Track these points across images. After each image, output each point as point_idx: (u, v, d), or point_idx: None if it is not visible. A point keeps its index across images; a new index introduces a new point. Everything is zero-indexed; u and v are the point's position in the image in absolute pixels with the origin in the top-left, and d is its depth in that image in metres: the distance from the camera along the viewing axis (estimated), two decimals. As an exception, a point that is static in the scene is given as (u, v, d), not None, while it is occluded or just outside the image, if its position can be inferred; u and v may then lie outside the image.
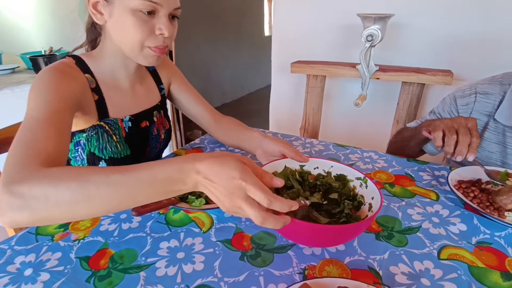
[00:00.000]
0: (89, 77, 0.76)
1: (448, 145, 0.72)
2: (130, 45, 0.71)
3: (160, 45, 0.71)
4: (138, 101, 0.86)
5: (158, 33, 0.69)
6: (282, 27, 1.78)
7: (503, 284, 0.51)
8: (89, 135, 0.77)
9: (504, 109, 0.85)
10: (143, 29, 0.67)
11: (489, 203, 0.67)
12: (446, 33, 1.42)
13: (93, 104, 0.76)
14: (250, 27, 5.21)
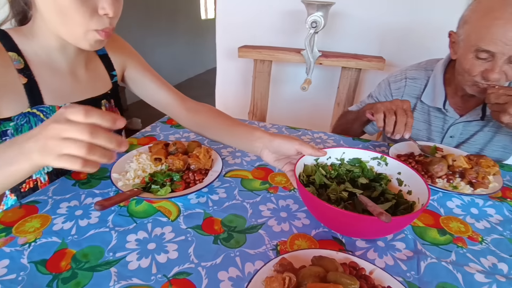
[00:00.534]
0: (14, 55, 0.65)
1: (388, 125, 0.81)
2: (68, 29, 0.62)
3: (106, 28, 0.62)
4: (81, 88, 0.77)
5: (102, 13, 0.60)
6: (227, 12, 1.75)
7: (440, 239, 0.61)
8: (18, 124, 0.67)
9: (429, 92, 0.98)
10: (84, 9, 0.58)
11: (423, 172, 0.78)
12: (379, 22, 1.56)
13: (21, 89, 0.66)
14: (185, 10, 4.99)
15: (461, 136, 0.98)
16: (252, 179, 0.78)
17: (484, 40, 0.76)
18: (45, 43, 0.68)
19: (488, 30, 0.75)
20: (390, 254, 0.57)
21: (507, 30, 0.72)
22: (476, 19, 0.79)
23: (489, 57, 0.77)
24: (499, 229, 0.65)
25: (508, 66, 0.77)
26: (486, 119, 0.93)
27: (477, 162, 0.76)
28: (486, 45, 0.76)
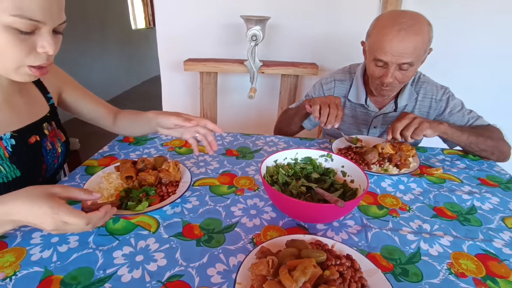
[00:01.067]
0: None
1: (323, 115, 0.95)
2: (3, 65, 0.61)
3: (42, 63, 0.63)
4: (19, 115, 0.75)
5: (41, 51, 0.60)
6: (167, 25, 1.78)
7: (379, 212, 0.76)
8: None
9: (353, 91, 1.17)
10: (22, 49, 0.58)
11: (360, 161, 0.93)
12: (310, 33, 1.75)
13: None
14: (114, 22, 4.78)
15: (382, 126, 1.18)
16: (219, 185, 0.85)
17: (378, 51, 0.94)
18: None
19: (381, 44, 0.93)
20: (344, 231, 0.69)
21: (393, 44, 0.91)
22: (374, 34, 0.97)
23: (384, 65, 0.96)
24: (420, 198, 0.83)
25: (398, 72, 0.96)
26: (398, 110, 1.14)
27: (399, 148, 0.94)
28: (380, 56, 0.94)
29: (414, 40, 0.90)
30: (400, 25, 0.90)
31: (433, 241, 0.67)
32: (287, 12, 1.69)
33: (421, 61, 0.98)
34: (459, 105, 1.10)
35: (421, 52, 0.94)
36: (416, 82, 1.13)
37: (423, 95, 1.12)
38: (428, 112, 1.12)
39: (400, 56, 0.92)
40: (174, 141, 1.11)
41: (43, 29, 0.59)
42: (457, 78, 1.75)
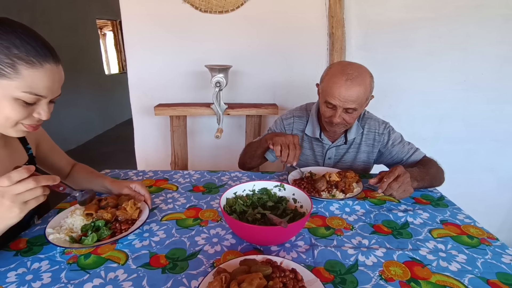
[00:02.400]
0: None
1: (283, 156, 1.08)
2: (2, 124, 0.72)
3: (34, 124, 0.75)
4: (2, 165, 0.84)
5: (36, 117, 0.74)
6: (138, 76, 1.93)
7: (326, 233, 0.87)
8: None
9: (309, 127, 1.32)
10: (22, 114, 0.70)
11: (312, 189, 1.06)
12: (269, 77, 1.95)
13: None
14: (89, 66, 4.93)
15: (335, 157, 1.34)
16: (185, 218, 0.94)
17: (328, 96, 1.12)
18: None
19: (331, 90, 1.11)
20: (294, 250, 0.79)
21: (341, 91, 1.08)
22: (326, 80, 1.15)
23: (333, 107, 1.13)
24: (363, 218, 0.95)
25: (345, 115, 1.13)
26: (348, 143, 1.30)
27: (344, 175, 1.08)
28: (330, 99, 1.12)
29: (357, 89, 1.08)
30: (347, 75, 1.08)
31: (369, 253, 0.79)
32: (247, 60, 1.90)
33: (364, 106, 1.16)
34: (399, 137, 1.28)
35: (363, 99, 1.11)
36: (361, 118, 1.31)
37: (367, 129, 1.29)
38: (373, 144, 1.29)
39: (345, 102, 1.09)
40: (145, 181, 1.19)
41: (43, 100, 0.73)
42: (400, 110, 1.99)
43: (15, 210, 0.63)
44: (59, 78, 0.75)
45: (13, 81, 0.67)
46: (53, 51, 0.73)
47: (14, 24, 0.69)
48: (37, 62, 0.68)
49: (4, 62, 0.66)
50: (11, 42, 0.66)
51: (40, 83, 0.70)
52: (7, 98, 0.68)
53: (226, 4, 1.77)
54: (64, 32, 4.19)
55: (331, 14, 1.75)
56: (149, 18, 1.83)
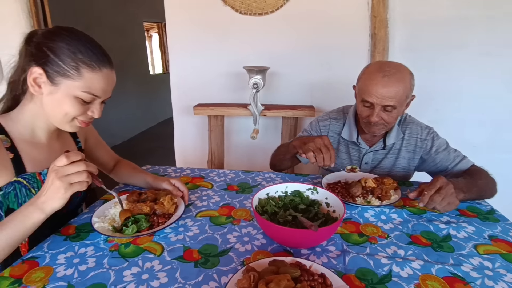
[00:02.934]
0: (3, 137, 0.81)
1: (319, 161, 1.04)
2: (60, 118, 0.82)
3: (87, 120, 0.85)
4: (55, 155, 0.91)
5: (90, 114, 0.83)
6: (180, 76, 2.02)
7: (359, 240, 0.85)
8: (5, 192, 0.80)
9: (346, 130, 1.29)
10: (79, 111, 0.80)
11: (346, 194, 1.04)
12: (307, 78, 1.93)
13: (9, 163, 0.81)
14: (136, 66, 5.23)
15: (372, 162, 1.29)
16: (218, 216, 0.96)
17: (365, 93, 1.09)
18: (30, 124, 0.85)
19: (367, 87, 1.08)
20: (325, 255, 0.78)
21: (377, 88, 1.05)
22: (363, 79, 1.13)
23: (370, 105, 1.10)
24: (399, 227, 0.91)
25: (384, 113, 1.09)
26: (387, 148, 1.25)
27: (381, 182, 1.04)
28: (366, 97, 1.08)
29: (395, 85, 1.04)
30: (385, 72, 1.05)
31: (405, 264, 0.75)
32: (285, 61, 1.90)
33: (404, 105, 1.11)
34: (444, 144, 1.20)
35: (403, 97, 1.06)
36: (402, 122, 1.25)
37: (409, 135, 1.23)
38: (414, 150, 1.23)
39: (383, 99, 1.05)
40: (182, 177, 1.24)
41: (97, 100, 0.83)
42: (448, 114, 1.87)
43: (61, 190, 0.71)
44: (113, 82, 0.84)
45: (75, 82, 0.77)
46: (109, 58, 0.82)
47: (79, 33, 0.80)
48: (97, 67, 0.78)
49: (70, 65, 0.76)
50: (77, 48, 0.76)
51: (97, 85, 0.79)
52: (68, 96, 0.78)
53: (265, 6, 1.79)
54: (114, 35, 4.50)
55: (374, 14, 1.69)
56: (191, 21, 1.90)
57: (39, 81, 0.77)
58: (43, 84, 0.78)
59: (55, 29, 0.80)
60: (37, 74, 0.77)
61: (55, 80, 0.77)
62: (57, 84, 0.77)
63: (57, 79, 0.77)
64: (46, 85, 0.78)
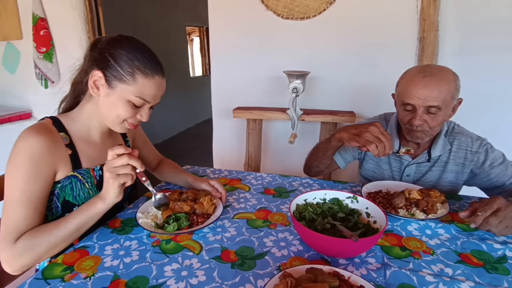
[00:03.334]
0: (63, 135, 0.88)
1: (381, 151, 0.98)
2: (112, 119, 0.88)
3: (135, 123, 0.91)
4: (107, 153, 0.99)
5: (139, 118, 0.89)
6: (220, 79, 2.07)
7: (401, 254, 0.81)
8: (63, 185, 0.87)
9: None
10: (130, 113, 0.86)
11: (388, 204, 0.99)
12: (348, 84, 1.89)
13: (67, 159, 0.88)
14: (177, 69, 5.45)
15: (415, 175, 1.21)
16: (255, 219, 0.97)
17: (406, 96, 1.04)
18: (87, 123, 0.93)
19: (407, 89, 1.03)
20: (364, 267, 0.76)
21: (418, 89, 1.00)
22: (402, 83, 1.08)
23: (412, 108, 1.04)
24: (447, 244, 0.85)
25: (427, 116, 1.03)
26: (431, 160, 1.17)
27: (427, 194, 0.98)
28: (407, 100, 1.03)
29: (438, 85, 0.98)
30: (425, 72, 1.01)
31: (453, 284, 0.70)
32: (326, 66, 1.87)
33: (449, 107, 1.04)
34: (500, 157, 1.10)
35: (448, 97, 1.00)
36: (450, 133, 1.16)
37: (457, 146, 1.14)
38: (464, 163, 1.14)
39: (425, 99, 1.00)
40: (220, 179, 1.27)
41: (146, 105, 0.88)
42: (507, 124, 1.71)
43: (110, 181, 0.78)
44: (163, 89, 0.90)
45: (129, 86, 0.83)
46: (162, 67, 0.88)
47: (138, 42, 0.87)
48: (150, 74, 0.84)
49: (127, 71, 0.82)
50: (135, 56, 0.83)
51: (148, 91, 0.85)
52: (122, 99, 0.84)
53: (308, 10, 1.78)
54: (159, 39, 4.73)
55: (423, 16, 1.61)
56: (233, 26, 1.95)
57: (98, 84, 0.84)
58: (101, 86, 0.84)
59: (118, 37, 0.87)
60: (97, 77, 0.83)
61: (112, 83, 0.83)
62: (113, 87, 0.83)
63: (114, 83, 0.83)
64: (103, 87, 0.84)
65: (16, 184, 0.78)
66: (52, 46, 2.43)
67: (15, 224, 0.77)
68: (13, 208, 0.78)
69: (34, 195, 0.79)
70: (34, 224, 0.80)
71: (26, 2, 2.33)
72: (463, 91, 1.06)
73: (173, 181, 1.20)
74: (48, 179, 0.83)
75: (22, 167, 0.78)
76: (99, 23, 2.53)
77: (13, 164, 0.78)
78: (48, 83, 2.47)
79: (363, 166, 1.33)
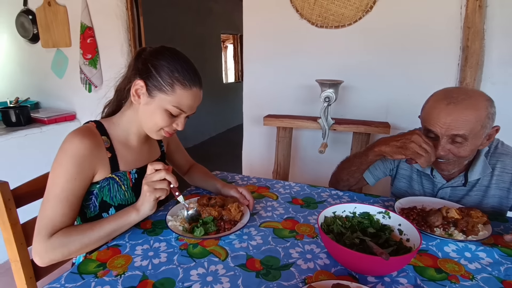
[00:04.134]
0: (105, 138, 0.93)
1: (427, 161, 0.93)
2: (150, 127, 0.93)
3: (171, 131, 0.94)
4: (143, 157, 1.04)
5: (174, 127, 0.93)
6: (252, 86, 2.09)
7: (436, 276, 0.76)
8: (101, 186, 0.92)
9: None
10: (166, 122, 0.90)
11: (423, 222, 0.94)
12: (383, 94, 1.83)
13: (107, 161, 0.92)
14: (210, 75, 5.59)
15: (450, 198, 1.12)
16: (282, 228, 0.96)
17: (428, 122, 0.98)
18: (126, 129, 0.97)
19: (430, 116, 0.97)
20: (394, 287, 0.72)
21: (440, 117, 0.94)
22: (426, 107, 1.01)
23: (435, 137, 0.98)
24: (488, 269, 0.79)
25: (452, 146, 0.96)
26: (469, 184, 1.08)
27: (467, 214, 0.92)
28: (429, 126, 0.98)
29: (464, 113, 0.91)
30: (451, 99, 0.94)
31: (494, 314, 0.65)
32: (360, 75, 1.83)
33: (480, 137, 0.96)
34: None
35: (476, 126, 0.92)
36: (492, 153, 1.06)
37: (501, 169, 1.04)
38: (509, 188, 1.05)
39: (448, 128, 0.93)
40: (249, 186, 1.28)
41: (183, 115, 0.92)
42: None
43: (147, 194, 0.83)
44: (199, 99, 0.93)
45: (168, 96, 0.87)
46: (200, 79, 0.92)
47: (179, 54, 0.91)
48: (188, 85, 0.87)
49: (167, 81, 0.86)
50: (175, 67, 0.86)
51: (186, 101, 0.89)
52: (160, 108, 0.88)
53: (343, 19, 1.75)
54: (194, 46, 4.89)
55: (467, 25, 1.52)
56: (267, 34, 1.97)
57: (139, 92, 0.89)
58: (142, 95, 0.89)
59: (160, 49, 0.91)
60: (139, 86, 0.88)
61: (152, 93, 0.87)
62: (153, 96, 0.88)
63: (154, 92, 0.87)
64: (144, 96, 0.88)
65: (58, 182, 0.83)
66: (97, 53, 2.59)
67: (52, 219, 0.82)
68: (52, 203, 0.83)
69: (72, 194, 0.84)
70: (68, 221, 0.85)
71: (75, 11, 2.51)
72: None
73: (202, 186, 1.23)
74: (87, 180, 0.88)
75: (66, 166, 0.83)
76: (140, 32, 2.67)
77: (58, 163, 0.84)
78: (91, 88, 2.63)
79: (394, 185, 1.27)
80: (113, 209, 0.95)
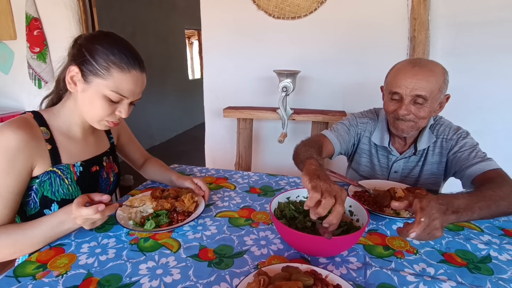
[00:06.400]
0: (44, 129, 0.87)
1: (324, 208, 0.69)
2: (91, 116, 0.87)
3: (115, 121, 0.89)
4: (89, 149, 0.98)
5: (118, 115, 0.87)
6: (212, 79, 2.06)
7: (384, 253, 0.79)
8: (41, 180, 0.86)
9: (377, 134, 1.20)
10: (107, 110, 0.85)
11: (374, 203, 0.97)
12: (339, 83, 1.88)
13: (46, 154, 0.86)
14: (175, 71, 5.44)
15: (403, 171, 1.20)
16: (237, 217, 0.95)
17: (393, 85, 1.04)
18: (68, 119, 0.91)
19: (396, 78, 1.04)
20: (344, 266, 0.74)
21: (406, 77, 1.01)
22: (391, 73, 1.09)
23: (399, 98, 1.04)
24: (431, 243, 0.83)
25: (413, 106, 1.03)
26: (418, 154, 1.16)
27: (413, 192, 0.96)
28: (395, 88, 1.04)
29: (427, 75, 0.99)
30: (415, 63, 1.03)
31: (434, 284, 0.68)
32: (317, 66, 1.86)
33: (436, 100, 1.03)
34: (470, 145, 1.06)
35: (435, 89, 1.00)
36: (434, 125, 1.17)
37: (436, 136, 1.15)
38: (441, 152, 1.14)
39: (413, 89, 1.00)
40: (207, 178, 1.25)
41: (125, 101, 0.86)
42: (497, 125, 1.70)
43: (85, 225, 0.79)
44: (142, 84, 0.88)
45: (105, 81, 0.81)
46: (141, 62, 0.86)
47: (117, 37, 0.86)
48: (126, 68, 0.82)
49: (102, 65, 0.81)
50: (111, 51, 0.81)
51: (125, 86, 0.83)
52: (98, 94, 0.82)
53: (299, 10, 1.77)
54: (157, 41, 4.73)
55: (414, 16, 1.60)
56: (225, 26, 1.94)
57: (75, 79, 0.83)
58: (78, 82, 0.83)
59: (96, 33, 0.87)
60: (74, 73, 0.82)
61: (88, 78, 0.82)
62: (89, 82, 0.82)
63: (89, 78, 0.82)
64: (80, 83, 0.83)
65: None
66: (45, 46, 2.42)
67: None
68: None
69: (6, 190, 0.78)
70: (4, 219, 0.79)
71: (19, 1, 2.32)
72: (454, 91, 1.05)
73: (158, 179, 1.19)
74: (24, 174, 0.82)
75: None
76: (94, 24, 2.53)
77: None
78: (41, 84, 2.46)
79: (355, 159, 1.32)
80: (56, 204, 0.88)
